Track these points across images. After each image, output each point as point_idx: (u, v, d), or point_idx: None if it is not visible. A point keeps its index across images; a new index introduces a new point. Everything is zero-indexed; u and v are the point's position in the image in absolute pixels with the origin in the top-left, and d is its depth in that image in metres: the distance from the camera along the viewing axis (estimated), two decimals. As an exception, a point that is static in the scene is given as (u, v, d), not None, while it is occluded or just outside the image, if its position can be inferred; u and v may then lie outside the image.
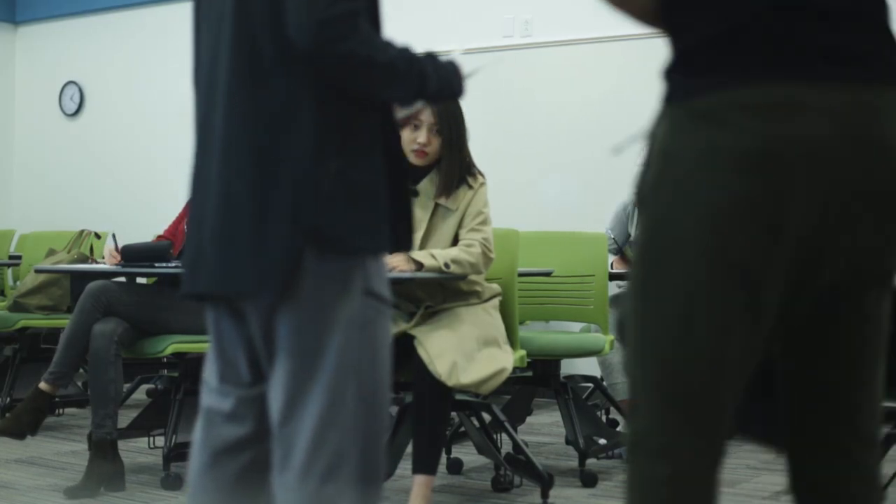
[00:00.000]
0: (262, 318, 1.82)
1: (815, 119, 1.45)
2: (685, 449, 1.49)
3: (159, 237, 4.39)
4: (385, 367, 1.86)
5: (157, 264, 3.83)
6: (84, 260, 5.15)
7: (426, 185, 3.67)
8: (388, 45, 1.79)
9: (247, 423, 1.91)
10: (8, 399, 5.25)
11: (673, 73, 1.53)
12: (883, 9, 1.52)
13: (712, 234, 1.46)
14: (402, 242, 1.89)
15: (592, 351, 4.41)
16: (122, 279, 4.29)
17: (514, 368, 3.71)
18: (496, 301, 3.75)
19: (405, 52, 1.81)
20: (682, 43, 1.52)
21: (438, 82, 1.87)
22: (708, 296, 1.47)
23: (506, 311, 3.79)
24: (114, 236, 4.40)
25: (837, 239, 1.48)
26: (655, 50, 5.23)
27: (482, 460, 4.45)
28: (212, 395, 1.94)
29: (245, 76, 1.78)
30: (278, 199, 1.74)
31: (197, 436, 1.96)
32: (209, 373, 1.96)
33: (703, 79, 1.49)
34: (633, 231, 5.01)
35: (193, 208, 1.87)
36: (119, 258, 4.17)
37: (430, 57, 1.88)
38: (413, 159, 3.64)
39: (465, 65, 2.00)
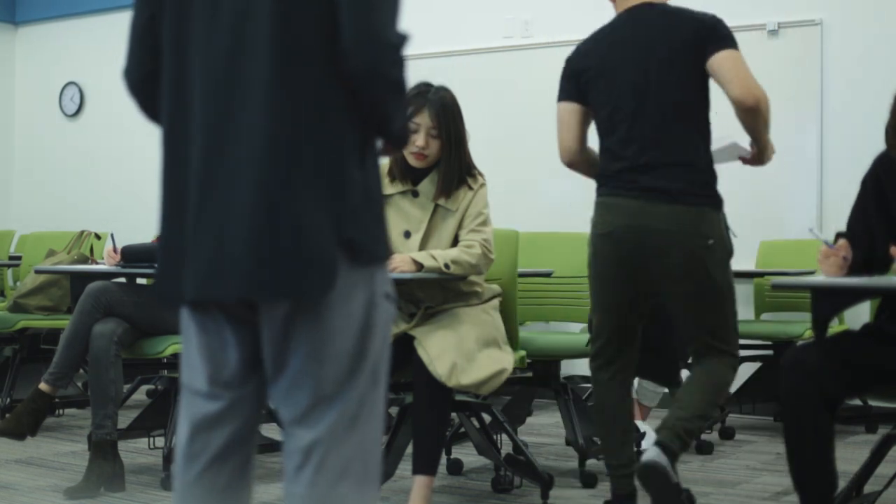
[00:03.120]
0: (280, 323, 1.80)
1: (627, 214, 3.29)
2: (612, 364, 3.44)
3: (159, 238, 4.38)
4: (388, 366, 1.91)
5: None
6: (84, 260, 5.15)
7: (426, 186, 3.67)
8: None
9: (236, 424, 1.91)
10: (8, 399, 5.25)
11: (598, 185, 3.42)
12: (686, 161, 3.26)
13: (599, 263, 3.41)
14: None
15: (592, 351, 4.41)
16: (123, 280, 4.29)
17: (514, 369, 3.71)
18: (496, 302, 3.75)
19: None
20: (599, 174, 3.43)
21: (403, 128, 1.89)
22: (603, 286, 3.41)
23: (506, 312, 3.79)
24: (112, 236, 4.40)
25: (646, 266, 3.31)
26: (655, 50, 5.00)
27: (482, 461, 4.45)
28: (200, 400, 1.91)
29: (286, 83, 1.75)
30: (314, 210, 1.74)
31: (184, 447, 1.93)
32: (194, 378, 1.91)
33: (599, 189, 3.39)
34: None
35: (199, 210, 1.79)
36: (117, 257, 4.17)
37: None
38: (412, 162, 3.64)
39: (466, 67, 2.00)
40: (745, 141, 3.36)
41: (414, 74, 3.98)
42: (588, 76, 3.40)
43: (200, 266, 1.78)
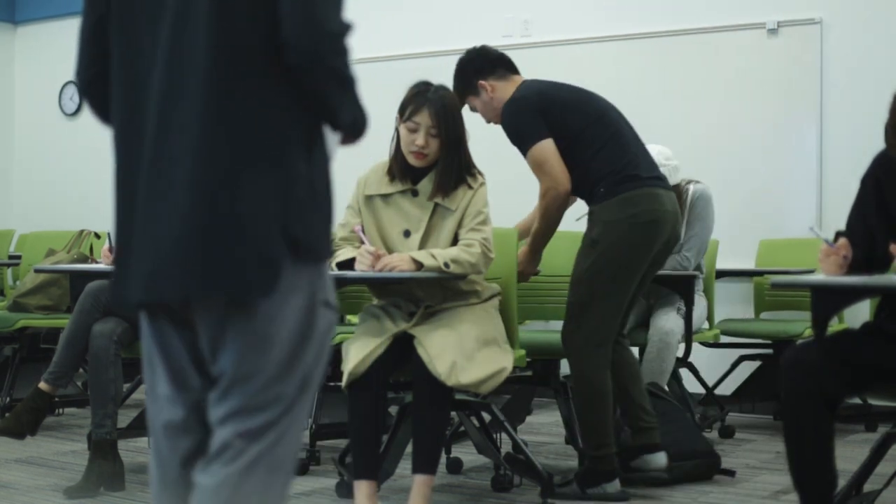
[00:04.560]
0: (213, 329, 1.79)
1: (666, 201, 3.90)
2: (606, 343, 3.84)
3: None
4: (322, 374, 1.89)
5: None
6: (84, 260, 5.14)
7: (426, 185, 3.67)
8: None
9: (197, 430, 1.89)
10: (8, 399, 5.25)
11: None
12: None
13: (635, 251, 3.85)
14: None
15: (592, 350, 4.40)
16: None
17: (514, 368, 3.71)
18: (496, 301, 3.75)
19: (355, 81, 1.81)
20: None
21: (358, 119, 1.85)
22: (634, 272, 3.86)
23: (506, 311, 3.79)
24: (109, 235, 4.40)
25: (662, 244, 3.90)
26: (653, 49, 5.27)
27: (482, 460, 4.45)
28: (164, 405, 1.90)
29: (225, 78, 1.73)
30: (256, 205, 1.72)
31: (154, 450, 1.93)
32: (157, 384, 1.91)
33: (628, 185, 3.85)
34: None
35: (144, 212, 1.78)
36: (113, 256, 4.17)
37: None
38: (412, 161, 3.64)
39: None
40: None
41: (414, 74, 3.99)
42: (554, 112, 3.94)
43: (144, 268, 1.77)
